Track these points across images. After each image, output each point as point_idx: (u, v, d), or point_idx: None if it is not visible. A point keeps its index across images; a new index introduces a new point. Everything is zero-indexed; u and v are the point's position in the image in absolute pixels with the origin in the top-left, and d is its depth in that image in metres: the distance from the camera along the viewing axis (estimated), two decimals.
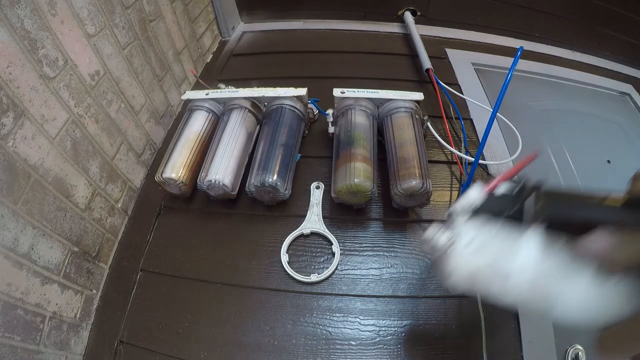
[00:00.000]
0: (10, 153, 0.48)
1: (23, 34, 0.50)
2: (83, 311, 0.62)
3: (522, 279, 0.27)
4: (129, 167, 0.76)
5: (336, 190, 0.65)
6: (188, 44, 0.99)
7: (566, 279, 0.25)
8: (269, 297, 0.62)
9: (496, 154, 0.82)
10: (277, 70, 1.09)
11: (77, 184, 0.61)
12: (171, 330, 0.60)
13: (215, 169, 0.67)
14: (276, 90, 0.79)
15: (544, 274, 0.26)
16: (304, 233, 0.68)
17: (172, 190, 0.72)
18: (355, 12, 1.26)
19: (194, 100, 0.80)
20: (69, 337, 0.58)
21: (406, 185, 0.63)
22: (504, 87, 0.52)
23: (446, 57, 1.10)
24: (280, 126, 0.74)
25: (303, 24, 1.27)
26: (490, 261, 0.28)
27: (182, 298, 0.63)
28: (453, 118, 0.87)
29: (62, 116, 0.58)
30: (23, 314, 0.50)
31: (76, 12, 0.59)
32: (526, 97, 1.00)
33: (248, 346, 0.58)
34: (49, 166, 0.55)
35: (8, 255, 0.48)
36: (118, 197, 0.73)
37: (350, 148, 0.68)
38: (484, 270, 0.28)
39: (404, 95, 0.77)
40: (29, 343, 0.50)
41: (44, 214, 0.54)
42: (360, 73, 1.03)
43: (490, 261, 0.28)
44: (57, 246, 0.57)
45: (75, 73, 0.60)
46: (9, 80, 0.48)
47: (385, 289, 0.63)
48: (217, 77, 1.04)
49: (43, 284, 0.54)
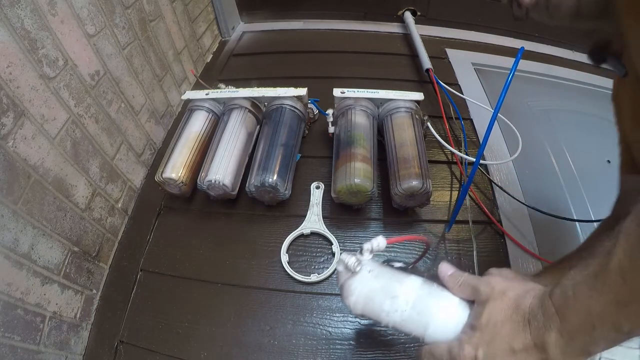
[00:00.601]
0: (10, 153, 0.48)
1: (23, 34, 0.50)
2: (83, 311, 0.62)
3: (406, 299, 0.35)
4: (129, 167, 0.76)
5: (336, 190, 0.65)
6: (188, 44, 0.99)
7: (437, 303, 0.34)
8: (269, 297, 0.62)
9: (496, 154, 0.82)
10: (277, 70, 1.09)
11: (77, 184, 0.61)
12: (171, 330, 0.60)
13: (215, 169, 0.67)
14: (276, 90, 0.79)
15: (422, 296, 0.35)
16: (304, 233, 0.68)
17: (172, 190, 0.72)
18: (355, 12, 1.26)
19: (194, 100, 0.80)
20: (69, 337, 0.58)
21: (406, 185, 0.63)
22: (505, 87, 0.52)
23: (446, 57, 1.10)
24: (280, 126, 0.74)
25: (303, 24, 1.27)
26: (384, 284, 0.36)
27: (182, 298, 0.63)
28: (453, 118, 0.87)
29: (62, 116, 0.58)
30: (23, 314, 0.50)
31: (76, 12, 0.59)
32: (526, 97, 1.00)
33: (248, 346, 0.58)
34: (49, 166, 0.55)
35: (8, 255, 0.48)
36: (118, 197, 0.73)
37: (350, 148, 0.68)
38: (378, 292, 0.36)
39: (404, 95, 0.77)
40: (29, 343, 0.50)
41: (44, 214, 0.54)
42: (360, 73, 1.03)
43: (384, 284, 0.36)
44: (57, 246, 0.57)
45: (75, 73, 0.60)
46: (9, 80, 0.48)
47: None
48: (217, 77, 1.05)
49: (43, 283, 0.54)
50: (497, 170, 0.79)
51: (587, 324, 0.24)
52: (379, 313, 0.36)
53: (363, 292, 0.36)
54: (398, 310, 0.35)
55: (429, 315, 0.34)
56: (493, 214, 0.71)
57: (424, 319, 0.34)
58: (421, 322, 0.34)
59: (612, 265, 0.22)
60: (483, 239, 0.68)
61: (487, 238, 0.68)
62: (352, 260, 0.37)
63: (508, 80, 0.50)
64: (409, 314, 0.34)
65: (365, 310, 0.36)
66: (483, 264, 0.63)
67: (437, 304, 0.35)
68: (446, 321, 0.34)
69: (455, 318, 0.33)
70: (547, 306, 0.26)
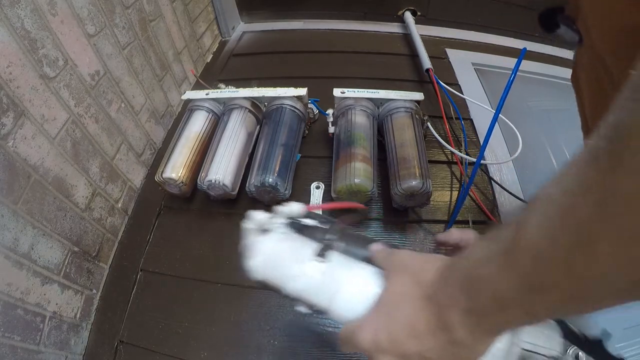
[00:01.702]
0: (10, 153, 0.48)
1: (23, 33, 0.50)
2: (83, 311, 0.62)
3: (315, 265, 0.31)
4: (129, 167, 0.76)
5: (336, 190, 0.65)
6: (188, 44, 0.99)
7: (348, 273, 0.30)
8: (269, 297, 0.62)
9: (496, 154, 0.82)
10: (277, 70, 1.09)
11: (77, 184, 0.61)
12: (171, 330, 0.60)
13: (215, 169, 0.67)
14: (276, 90, 0.79)
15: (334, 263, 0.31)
16: None
17: (172, 190, 0.72)
18: (355, 12, 1.26)
19: (194, 100, 0.80)
20: (69, 337, 0.58)
21: (406, 185, 0.63)
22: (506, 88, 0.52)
23: (446, 57, 1.10)
24: (280, 126, 0.74)
25: (303, 24, 1.27)
26: (294, 247, 0.32)
27: (182, 298, 0.63)
28: (453, 118, 0.87)
29: (62, 116, 0.58)
30: (23, 314, 0.50)
31: (76, 12, 0.59)
32: (526, 97, 1.00)
33: (248, 346, 0.58)
34: (49, 166, 0.55)
35: (8, 255, 0.48)
36: (118, 197, 0.73)
37: (351, 148, 0.68)
38: (286, 254, 0.32)
39: (404, 95, 0.77)
40: (29, 343, 0.50)
41: (44, 214, 0.54)
42: (360, 73, 1.03)
43: (294, 247, 0.32)
44: (57, 246, 0.57)
45: (75, 73, 0.60)
46: (9, 80, 0.48)
47: None
48: (217, 77, 1.04)
49: (43, 283, 0.54)
50: (497, 170, 0.79)
51: (495, 306, 0.20)
52: (284, 279, 0.31)
53: (270, 254, 0.32)
54: (305, 276, 0.30)
55: (337, 286, 0.30)
56: (493, 214, 0.71)
57: (331, 289, 0.30)
58: (329, 292, 0.30)
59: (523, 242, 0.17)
60: None
61: None
62: (263, 217, 0.32)
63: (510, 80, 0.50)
64: (316, 281, 0.30)
65: (270, 274, 0.32)
66: None
67: (348, 274, 0.30)
68: (354, 295, 0.29)
69: (364, 292, 0.29)
70: (449, 283, 0.22)
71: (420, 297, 0.24)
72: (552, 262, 0.16)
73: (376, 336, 0.25)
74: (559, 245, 0.16)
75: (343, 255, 0.32)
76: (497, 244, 0.20)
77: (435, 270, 0.24)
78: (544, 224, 0.16)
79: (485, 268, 0.20)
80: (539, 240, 0.17)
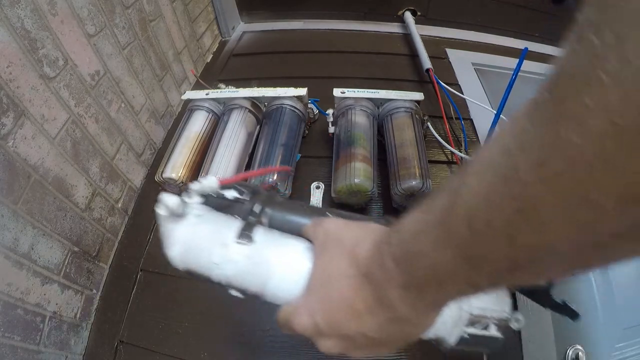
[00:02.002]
0: (10, 153, 0.48)
1: (23, 33, 0.50)
2: (83, 311, 0.62)
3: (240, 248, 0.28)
4: (129, 167, 0.76)
5: (336, 190, 0.65)
6: (188, 44, 0.99)
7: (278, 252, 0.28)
8: None
9: None
10: (277, 70, 1.09)
11: (77, 184, 0.61)
12: (171, 330, 0.60)
13: (215, 169, 0.67)
14: (276, 90, 0.79)
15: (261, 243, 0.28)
16: None
17: (172, 190, 0.72)
18: (355, 12, 1.26)
19: (194, 100, 0.80)
20: (69, 337, 0.58)
21: (406, 185, 0.63)
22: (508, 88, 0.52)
23: (446, 57, 1.10)
24: (280, 126, 0.74)
25: (303, 24, 1.27)
26: (214, 230, 0.29)
27: (182, 298, 0.63)
28: (453, 118, 0.87)
29: (62, 116, 0.58)
30: (23, 314, 0.50)
31: (76, 12, 0.59)
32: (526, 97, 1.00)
33: (248, 346, 0.58)
34: (49, 166, 0.55)
35: (8, 255, 0.48)
36: (118, 197, 0.73)
37: (351, 148, 0.68)
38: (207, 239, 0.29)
39: (404, 95, 0.77)
40: (29, 343, 0.50)
41: (44, 214, 0.54)
42: (361, 73, 1.03)
43: (214, 230, 0.29)
44: (57, 246, 0.57)
45: (75, 73, 0.60)
46: (9, 80, 0.48)
47: None
48: (217, 77, 1.04)
49: (43, 283, 0.54)
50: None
51: (433, 281, 0.18)
52: (208, 266, 0.28)
53: (189, 241, 0.29)
54: (230, 261, 0.28)
55: (267, 268, 0.27)
56: None
57: (262, 271, 0.28)
58: (259, 275, 0.28)
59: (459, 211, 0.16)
60: None
61: None
62: (175, 201, 0.28)
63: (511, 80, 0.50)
64: (243, 265, 0.28)
65: (192, 263, 0.29)
66: None
67: (277, 253, 0.28)
68: (287, 275, 0.27)
69: (298, 271, 0.27)
70: (385, 257, 0.20)
71: (356, 275, 0.22)
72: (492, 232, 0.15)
73: (314, 319, 0.23)
74: (498, 213, 0.14)
75: (270, 231, 0.29)
76: (432, 215, 0.18)
77: (370, 243, 0.22)
78: (482, 190, 0.15)
79: (421, 242, 0.18)
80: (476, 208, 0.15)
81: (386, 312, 0.21)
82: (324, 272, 0.24)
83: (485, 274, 0.16)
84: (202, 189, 0.30)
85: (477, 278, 0.17)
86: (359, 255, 0.23)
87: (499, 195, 0.14)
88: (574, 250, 0.13)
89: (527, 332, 0.57)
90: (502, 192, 0.14)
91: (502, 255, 0.15)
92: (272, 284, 0.28)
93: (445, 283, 0.18)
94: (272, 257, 0.28)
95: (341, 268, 0.23)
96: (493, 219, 0.14)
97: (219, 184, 0.30)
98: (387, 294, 0.20)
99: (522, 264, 0.15)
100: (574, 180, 0.12)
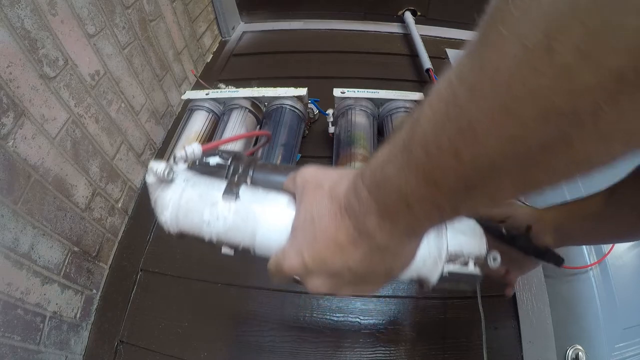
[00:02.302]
0: (10, 153, 0.48)
1: (23, 33, 0.50)
2: (83, 311, 0.62)
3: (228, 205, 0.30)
4: (129, 167, 0.76)
5: None
6: (188, 44, 0.99)
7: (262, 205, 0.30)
8: (269, 297, 0.62)
9: None
10: (277, 70, 1.08)
11: (77, 184, 0.61)
12: (171, 330, 0.60)
13: None
14: (276, 90, 0.78)
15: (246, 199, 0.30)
16: None
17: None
18: (355, 12, 1.26)
19: (194, 100, 0.80)
20: (69, 337, 0.58)
21: None
22: None
23: (446, 57, 1.10)
24: (280, 126, 0.74)
25: (303, 24, 1.27)
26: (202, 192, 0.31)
27: (182, 298, 0.63)
28: None
29: (62, 116, 0.58)
30: (23, 314, 0.50)
31: (76, 12, 0.59)
32: None
33: (248, 346, 0.58)
34: (49, 166, 0.55)
35: (8, 255, 0.48)
36: (118, 197, 0.73)
37: (351, 148, 0.68)
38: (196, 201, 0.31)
39: (404, 95, 0.77)
40: (29, 343, 0.50)
41: (44, 214, 0.54)
42: (360, 73, 1.03)
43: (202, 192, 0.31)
44: (57, 246, 0.57)
45: (76, 73, 0.60)
46: (9, 80, 0.48)
47: (385, 289, 0.63)
48: (217, 77, 1.04)
49: (43, 283, 0.54)
50: None
51: (402, 205, 0.20)
52: (199, 225, 0.30)
53: (179, 203, 0.31)
54: (220, 218, 0.30)
55: (254, 221, 0.29)
56: None
57: (249, 225, 0.29)
58: (247, 229, 0.30)
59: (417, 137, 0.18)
60: None
61: None
62: (162, 167, 0.31)
63: None
64: (232, 221, 0.30)
65: (184, 224, 0.31)
66: None
67: (263, 205, 0.30)
68: (274, 225, 0.29)
69: (283, 220, 0.28)
70: (359, 189, 0.22)
71: (337, 210, 0.24)
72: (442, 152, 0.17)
73: (302, 259, 0.25)
74: (445, 135, 0.16)
75: (254, 188, 0.31)
76: (397, 143, 0.20)
77: (347, 181, 0.24)
78: (433, 117, 0.17)
79: (388, 168, 0.20)
80: (429, 133, 0.17)
81: (367, 242, 0.23)
82: (307, 214, 0.26)
83: (446, 194, 0.18)
84: (187, 155, 0.32)
85: (440, 199, 0.19)
86: (338, 193, 0.24)
87: (444, 120, 0.16)
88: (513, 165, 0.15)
89: (527, 332, 0.58)
90: (446, 117, 0.16)
91: (454, 174, 0.17)
92: (260, 235, 0.29)
93: (413, 207, 0.20)
94: (258, 210, 0.30)
95: (322, 207, 0.25)
96: (441, 141, 0.17)
97: (203, 151, 0.33)
98: (365, 224, 0.22)
99: (474, 183, 0.17)
100: (498, 98, 0.14)
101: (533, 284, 0.62)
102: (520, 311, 0.59)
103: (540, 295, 0.61)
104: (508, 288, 0.49)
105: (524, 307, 0.60)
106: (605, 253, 0.68)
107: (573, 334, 0.60)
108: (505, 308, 0.60)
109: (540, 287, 0.62)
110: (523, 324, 0.58)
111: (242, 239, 0.30)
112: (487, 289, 0.63)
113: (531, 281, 0.62)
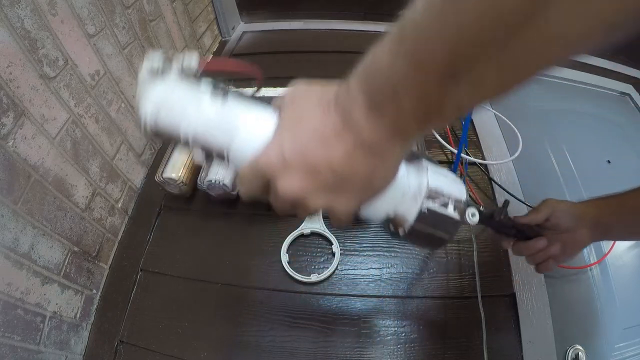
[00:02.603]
0: (10, 153, 0.48)
1: (23, 33, 0.50)
2: (83, 311, 0.62)
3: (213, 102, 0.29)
4: (129, 167, 0.76)
5: None
6: (188, 44, 0.99)
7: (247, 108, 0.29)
8: (269, 297, 0.62)
9: (496, 154, 0.82)
10: (277, 70, 1.08)
11: (77, 184, 0.61)
12: (171, 330, 0.60)
13: (215, 169, 0.67)
14: (276, 90, 0.78)
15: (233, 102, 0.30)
16: (304, 233, 0.68)
17: (172, 190, 0.72)
18: (355, 12, 1.26)
19: None
20: (69, 337, 0.58)
21: None
22: None
23: None
24: None
25: (303, 24, 1.27)
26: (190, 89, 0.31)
27: (182, 298, 0.63)
28: None
29: (62, 116, 0.58)
30: (23, 314, 0.50)
31: (76, 12, 0.59)
32: (526, 97, 1.00)
33: (248, 346, 0.58)
34: (49, 166, 0.55)
35: (8, 255, 0.48)
36: (118, 197, 0.73)
37: None
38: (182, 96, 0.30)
39: None
40: (29, 343, 0.50)
41: (44, 214, 0.54)
42: None
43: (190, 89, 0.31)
44: (57, 246, 0.57)
45: (76, 73, 0.60)
46: (9, 80, 0.48)
47: (385, 289, 0.63)
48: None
49: (43, 283, 0.54)
50: (497, 170, 0.79)
51: (390, 91, 0.20)
52: (178, 122, 0.29)
53: (165, 96, 0.30)
54: (202, 115, 0.29)
55: (236, 123, 0.28)
56: None
57: (231, 126, 0.28)
58: (227, 130, 0.28)
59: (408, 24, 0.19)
60: (483, 239, 0.68)
61: (488, 238, 0.68)
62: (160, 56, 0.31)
63: None
64: (214, 120, 0.29)
65: (164, 119, 0.30)
66: (483, 264, 0.63)
67: (248, 109, 0.29)
68: (255, 130, 0.28)
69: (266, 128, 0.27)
70: (350, 83, 0.23)
71: (326, 104, 0.24)
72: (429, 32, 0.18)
73: (281, 150, 0.24)
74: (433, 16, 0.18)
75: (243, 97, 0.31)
76: (390, 35, 0.21)
77: (338, 85, 0.25)
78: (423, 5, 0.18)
79: (379, 59, 0.21)
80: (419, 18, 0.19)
81: (352, 136, 0.23)
82: (294, 113, 0.26)
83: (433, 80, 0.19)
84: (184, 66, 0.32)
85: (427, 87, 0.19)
86: (328, 92, 0.25)
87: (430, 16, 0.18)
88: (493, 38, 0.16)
89: (527, 332, 0.58)
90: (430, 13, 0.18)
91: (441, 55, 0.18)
92: (239, 138, 0.28)
93: (400, 95, 0.20)
94: (242, 114, 0.29)
95: (311, 105, 0.25)
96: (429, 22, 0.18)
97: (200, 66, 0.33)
98: (352, 115, 0.22)
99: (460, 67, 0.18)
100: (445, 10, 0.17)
101: (533, 284, 0.62)
102: (520, 311, 0.59)
103: (540, 295, 0.61)
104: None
105: (524, 307, 0.60)
106: (605, 253, 0.68)
107: (573, 334, 0.60)
108: (505, 308, 0.61)
109: (540, 287, 0.62)
110: (523, 324, 0.58)
111: (220, 141, 0.29)
112: (487, 289, 0.63)
113: (531, 281, 0.62)
